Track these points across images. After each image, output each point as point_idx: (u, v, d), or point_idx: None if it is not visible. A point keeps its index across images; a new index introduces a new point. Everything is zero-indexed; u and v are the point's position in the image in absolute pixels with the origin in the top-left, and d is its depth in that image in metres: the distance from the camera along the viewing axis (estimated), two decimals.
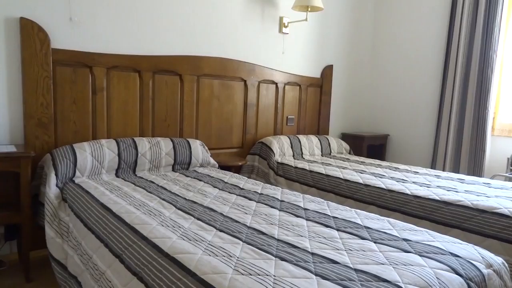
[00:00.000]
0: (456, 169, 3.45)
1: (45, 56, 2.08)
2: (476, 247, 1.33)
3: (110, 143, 2.19)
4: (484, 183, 2.39)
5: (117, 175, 2.17)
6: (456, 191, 2.12)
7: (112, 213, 1.51)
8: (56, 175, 1.93)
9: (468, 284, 1.10)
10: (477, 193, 2.08)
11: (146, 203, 1.65)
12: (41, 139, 2.12)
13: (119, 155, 2.17)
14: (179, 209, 1.60)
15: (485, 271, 1.19)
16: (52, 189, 1.88)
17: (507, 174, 3.10)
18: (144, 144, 2.30)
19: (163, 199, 1.73)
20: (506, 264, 1.30)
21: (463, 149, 3.38)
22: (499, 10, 3.13)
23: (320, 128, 3.72)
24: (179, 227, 1.38)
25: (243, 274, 1.02)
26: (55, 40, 2.14)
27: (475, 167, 3.31)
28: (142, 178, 2.15)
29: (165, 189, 1.92)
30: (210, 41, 2.83)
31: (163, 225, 1.38)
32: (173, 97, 2.64)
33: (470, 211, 1.85)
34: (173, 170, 2.41)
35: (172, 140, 2.45)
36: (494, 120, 3.32)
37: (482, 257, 1.25)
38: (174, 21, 2.62)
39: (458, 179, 2.49)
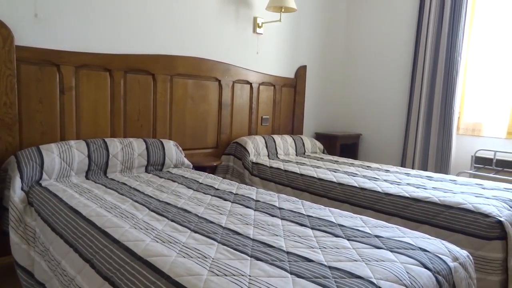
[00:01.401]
0: (424, 167, 3.58)
1: (8, 54, 1.98)
2: (443, 241, 1.38)
3: (80, 144, 2.11)
4: (450, 180, 2.48)
5: (87, 177, 2.10)
6: (425, 188, 2.20)
7: (82, 216, 1.46)
8: (21, 178, 1.84)
9: (436, 277, 1.14)
10: (444, 190, 2.17)
11: (118, 206, 1.60)
12: (4, 141, 2.02)
13: (89, 156, 2.11)
14: (152, 211, 1.57)
15: (451, 264, 1.24)
16: (17, 193, 1.80)
17: (471, 171, 3.24)
18: (115, 145, 2.24)
19: (136, 201, 1.69)
20: (471, 257, 1.36)
21: (431, 147, 3.51)
22: (463, 15, 3.27)
23: (294, 128, 3.76)
24: (153, 229, 1.35)
25: (218, 275, 1.01)
26: (19, 37, 2.04)
27: (442, 165, 3.45)
28: (113, 180, 2.09)
29: (138, 190, 1.88)
30: (183, 41, 2.79)
31: (135, 228, 1.35)
32: (146, 97, 2.58)
33: (438, 207, 1.92)
34: (146, 171, 2.37)
35: (145, 141, 2.40)
36: (459, 120, 3.47)
37: (449, 251, 1.30)
38: (146, 19, 2.56)
39: (426, 176, 2.58)
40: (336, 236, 1.37)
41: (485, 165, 3.26)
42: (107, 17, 2.37)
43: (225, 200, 1.80)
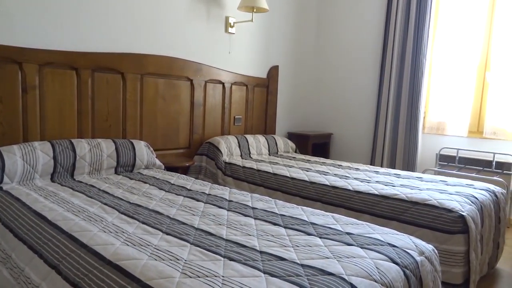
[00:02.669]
0: (392, 165, 3.70)
1: None
2: (410, 237, 1.44)
3: (44, 146, 2.03)
4: (417, 177, 2.58)
5: (52, 180, 2.02)
6: (393, 186, 2.27)
7: (47, 221, 1.40)
8: None
9: (404, 271, 1.18)
10: (411, 187, 2.25)
11: (86, 209, 1.55)
12: None
13: (54, 158, 2.02)
14: (122, 213, 1.53)
15: (418, 258, 1.29)
16: None
17: (436, 169, 3.38)
18: (83, 146, 2.16)
19: (105, 204, 1.64)
20: (436, 251, 1.42)
21: (398, 146, 3.64)
22: (427, 19, 3.41)
23: (267, 127, 3.78)
24: (123, 232, 1.31)
25: (191, 277, 1.00)
26: None
27: (409, 163, 3.58)
28: (81, 182, 2.02)
29: (107, 193, 1.83)
30: (154, 39, 2.74)
31: (105, 231, 1.31)
32: (115, 97, 2.51)
33: (405, 204, 1.99)
34: (116, 173, 2.30)
35: (114, 141, 2.34)
36: (425, 119, 3.62)
37: (416, 246, 1.35)
38: (115, 16, 2.49)
39: (394, 174, 2.67)
40: (309, 234, 1.39)
41: (448, 163, 3.41)
42: (72, 13, 2.29)
43: (198, 200, 1.78)
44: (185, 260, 1.11)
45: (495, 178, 2.98)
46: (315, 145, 4.17)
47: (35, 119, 2.16)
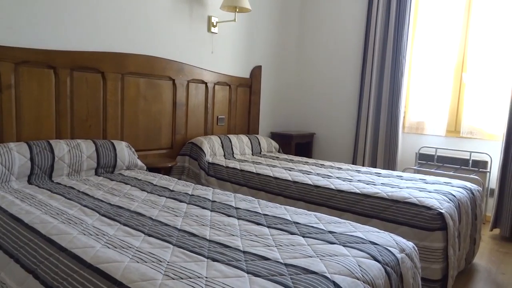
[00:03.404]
0: (373, 164, 3.76)
1: None
2: (391, 234, 1.46)
3: (21, 147, 1.96)
4: (397, 176, 2.63)
5: (29, 182, 1.96)
6: (374, 184, 2.31)
7: (24, 224, 1.36)
8: None
9: (385, 268, 1.20)
10: (392, 185, 2.29)
11: (65, 211, 1.51)
12: None
13: (31, 159, 1.96)
14: (103, 215, 1.50)
15: (399, 255, 1.31)
16: None
17: (415, 167, 3.46)
18: (61, 147, 2.11)
19: (85, 206, 1.60)
20: (416, 248, 1.45)
21: (379, 145, 3.70)
22: (407, 21, 3.48)
23: (250, 127, 3.78)
24: (104, 234, 1.29)
25: (173, 279, 0.99)
26: None
27: (390, 162, 3.65)
28: (60, 184, 1.97)
29: (87, 194, 1.79)
30: (135, 38, 2.70)
31: (85, 234, 1.28)
32: (95, 96, 2.46)
33: (386, 202, 2.03)
34: (96, 174, 2.25)
35: (94, 142, 2.29)
36: (405, 119, 3.69)
37: (396, 243, 1.38)
38: (95, 14, 2.44)
39: (375, 173, 2.72)
40: (292, 233, 1.39)
41: (427, 161, 3.50)
42: (50, 10, 2.23)
43: (181, 201, 1.76)
44: (168, 262, 1.10)
45: (471, 176, 3.08)
46: (298, 144, 4.20)
47: (11, 119, 2.09)
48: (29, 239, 1.25)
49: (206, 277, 1.01)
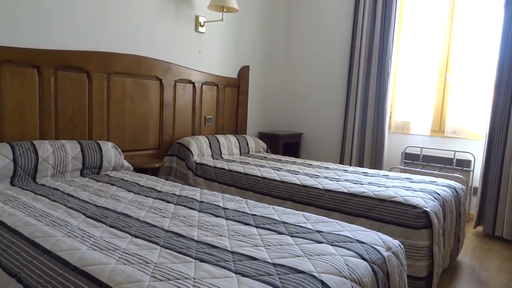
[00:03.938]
0: (360, 163, 3.80)
1: None
2: (378, 233, 1.48)
3: (3, 148, 1.92)
4: (383, 175, 2.67)
5: (12, 184, 1.92)
6: (361, 184, 2.34)
7: (6, 227, 1.33)
8: None
9: (372, 267, 1.22)
10: (378, 185, 2.32)
11: (49, 213, 1.48)
12: None
13: (14, 160, 1.92)
14: (89, 217, 1.48)
15: (385, 253, 1.33)
16: None
17: (401, 167, 3.51)
18: (45, 147, 2.07)
19: (70, 208, 1.58)
20: (402, 246, 1.47)
21: (366, 145, 3.74)
22: (392, 22, 3.53)
23: (238, 127, 3.78)
24: (89, 236, 1.27)
25: (161, 280, 0.98)
26: None
27: (376, 161, 3.70)
28: (44, 185, 1.93)
29: (72, 196, 1.76)
30: (122, 37, 2.66)
31: (70, 236, 1.26)
32: (80, 96, 2.42)
33: (373, 201, 2.05)
34: (82, 175, 2.22)
35: (79, 143, 2.25)
36: (390, 119, 3.74)
37: (383, 242, 1.40)
38: (80, 12, 2.40)
39: (362, 172, 2.75)
40: (280, 233, 1.40)
41: (413, 161, 3.55)
42: (33, 8, 2.18)
43: (168, 202, 1.75)
44: (155, 263, 1.09)
45: (455, 175, 3.14)
46: (286, 144, 4.21)
47: None
48: (12, 242, 1.23)
49: (194, 278, 1.00)
